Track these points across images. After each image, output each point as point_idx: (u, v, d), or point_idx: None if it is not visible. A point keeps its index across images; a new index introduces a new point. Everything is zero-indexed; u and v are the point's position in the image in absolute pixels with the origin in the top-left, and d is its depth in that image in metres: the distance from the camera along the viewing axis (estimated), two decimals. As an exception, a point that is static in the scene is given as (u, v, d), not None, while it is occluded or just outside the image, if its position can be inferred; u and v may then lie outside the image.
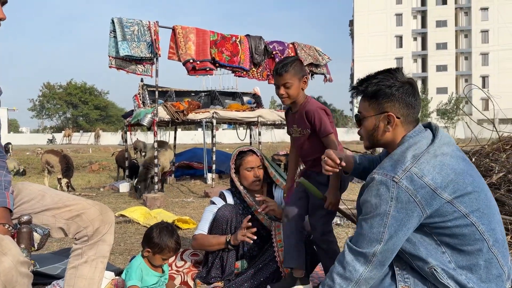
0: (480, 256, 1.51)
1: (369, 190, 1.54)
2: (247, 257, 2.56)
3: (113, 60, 6.27)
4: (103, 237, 1.63)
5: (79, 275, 1.60)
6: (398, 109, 1.60)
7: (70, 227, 1.60)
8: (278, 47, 7.81)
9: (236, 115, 7.87)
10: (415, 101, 1.62)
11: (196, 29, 6.80)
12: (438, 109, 44.55)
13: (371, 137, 1.68)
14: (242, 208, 2.60)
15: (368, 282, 1.54)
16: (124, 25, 6.21)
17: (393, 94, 1.59)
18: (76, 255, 1.63)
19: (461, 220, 1.49)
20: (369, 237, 1.51)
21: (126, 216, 4.66)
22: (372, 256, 1.51)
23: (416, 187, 1.47)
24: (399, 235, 1.50)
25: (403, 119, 1.61)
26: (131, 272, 2.18)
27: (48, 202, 1.64)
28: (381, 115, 1.62)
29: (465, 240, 1.51)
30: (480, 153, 3.76)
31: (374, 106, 1.63)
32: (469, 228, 1.50)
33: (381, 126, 1.63)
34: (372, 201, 1.52)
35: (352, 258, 1.54)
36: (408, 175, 1.48)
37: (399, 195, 1.47)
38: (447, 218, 1.50)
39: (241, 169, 2.57)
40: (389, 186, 1.48)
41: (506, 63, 52.75)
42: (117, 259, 3.29)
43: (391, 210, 1.48)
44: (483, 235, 1.51)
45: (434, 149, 1.53)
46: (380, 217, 1.49)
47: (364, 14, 57.64)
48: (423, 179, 1.47)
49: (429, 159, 1.51)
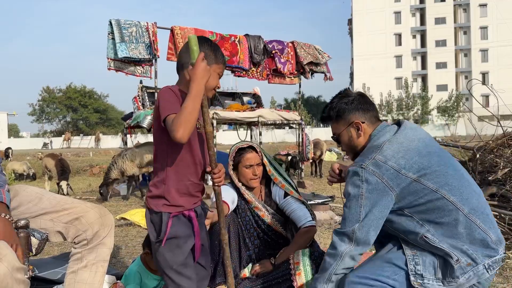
0: (459, 225, 1.70)
1: (347, 183, 1.82)
2: (252, 259, 2.50)
3: (111, 62, 6.24)
4: (103, 240, 1.58)
5: (79, 279, 1.55)
6: (360, 116, 1.93)
7: (69, 231, 1.55)
8: (278, 46, 7.77)
9: (236, 116, 7.82)
10: (369, 106, 1.96)
11: (194, 29, 6.77)
12: (438, 107, 44.50)
13: (352, 147, 1.98)
14: (243, 203, 2.54)
15: (354, 259, 1.77)
16: (122, 26, 6.18)
17: (350, 107, 1.94)
18: (75, 259, 1.57)
19: (431, 195, 1.70)
20: (349, 218, 1.76)
21: (127, 219, 4.62)
22: (352, 233, 1.74)
23: (382, 170, 1.72)
24: (374, 213, 1.73)
25: (367, 123, 1.93)
26: (129, 277, 2.14)
27: (46, 204, 1.60)
28: (350, 126, 1.94)
29: (441, 212, 1.71)
30: (484, 148, 3.71)
31: (342, 123, 1.96)
32: (441, 201, 1.70)
33: (353, 134, 1.95)
34: (348, 189, 1.79)
35: (337, 238, 1.79)
36: (373, 161, 1.75)
37: (367, 178, 1.73)
38: (419, 195, 1.72)
39: (239, 166, 2.51)
40: (359, 172, 1.76)
41: (506, 59, 52.65)
42: (118, 262, 3.24)
43: (364, 192, 1.74)
44: (456, 205, 1.70)
45: (396, 138, 1.81)
46: (356, 199, 1.75)
47: (362, 13, 57.60)
48: (387, 163, 1.73)
49: (391, 146, 1.78)
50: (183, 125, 1.51)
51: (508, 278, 2.53)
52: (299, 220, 2.46)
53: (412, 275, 1.71)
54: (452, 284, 1.69)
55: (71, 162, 12.98)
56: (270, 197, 2.61)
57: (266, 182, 2.64)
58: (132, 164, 6.76)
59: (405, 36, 57.25)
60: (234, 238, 2.43)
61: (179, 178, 1.71)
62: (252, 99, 9.65)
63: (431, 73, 56.45)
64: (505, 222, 3.18)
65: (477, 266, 1.66)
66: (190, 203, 1.76)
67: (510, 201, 3.35)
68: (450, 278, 1.69)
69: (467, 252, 1.67)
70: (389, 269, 1.75)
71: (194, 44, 1.60)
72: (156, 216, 1.69)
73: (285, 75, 7.96)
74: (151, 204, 1.70)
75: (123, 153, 6.91)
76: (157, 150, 1.73)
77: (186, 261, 1.72)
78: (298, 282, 2.24)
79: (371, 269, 1.77)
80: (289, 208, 2.51)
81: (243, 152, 2.51)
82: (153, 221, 1.70)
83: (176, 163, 1.70)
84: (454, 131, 39.42)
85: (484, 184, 3.57)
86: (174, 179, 1.70)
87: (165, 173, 1.69)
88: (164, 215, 1.68)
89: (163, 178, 1.69)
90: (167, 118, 1.58)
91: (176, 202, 1.70)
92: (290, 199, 2.52)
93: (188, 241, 1.72)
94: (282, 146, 19.22)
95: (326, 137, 22.13)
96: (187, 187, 1.73)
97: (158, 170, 1.72)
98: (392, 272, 1.74)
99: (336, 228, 1.84)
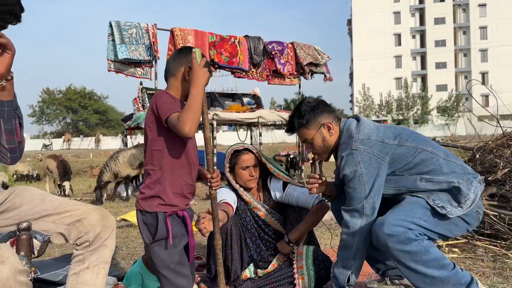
0: (443, 167, 1.98)
1: (342, 166, 2.00)
2: (253, 259, 2.51)
3: (111, 63, 6.25)
4: (105, 242, 1.59)
5: (80, 281, 1.56)
6: (328, 118, 2.14)
7: (71, 233, 1.56)
8: (277, 47, 7.78)
9: (236, 117, 7.83)
10: (331, 108, 2.19)
11: (194, 30, 6.78)
12: (438, 107, 44.50)
13: (325, 148, 2.16)
14: (242, 204, 2.55)
15: (368, 231, 1.94)
16: (122, 28, 6.19)
17: (317, 112, 2.13)
18: (77, 261, 1.59)
19: (414, 151, 1.99)
20: (355, 196, 1.97)
21: (128, 220, 4.62)
22: (362, 208, 1.96)
23: (369, 145, 1.97)
24: (376, 184, 1.96)
25: (335, 122, 2.15)
26: (131, 278, 2.15)
27: (48, 206, 1.61)
28: (321, 128, 2.13)
29: (426, 162, 1.98)
30: (484, 149, 3.72)
31: (313, 127, 2.13)
32: (423, 154, 1.99)
33: (326, 135, 2.13)
34: (347, 171, 1.98)
35: (349, 216, 1.99)
36: (360, 141, 1.99)
37: (362, 157, 1.96)
38: (406, 156, 1.98)
39: (236, 168, 2.52)
40: (352, 154, 1.97)
41: (505, 59, 52.65)
42: (120, 264, 3.25)
43: (363, 170, 1.95)
44: (434, 153, 2.00)
45: (363, 121, 2.10)
46: (357, 179, 1.96)
47: (362, 13, 57.62)
48: (370, 138, 2.00)
49: (365, 126, 2.05)
50: (190, 121, 1.59)
51: (508, 278, 2.54)
52: (307, 202, 2.49)
53: (438, 208, 1.90)
54: (467, 203, 1.92)
55: (71, 163, 12.98)
56: (268, 196, 2.63)
57: (263, 182, 2.66)
58: (125, 166, 6.83)
59: (405, 36, 57.27)
60: (236, 241, 2.43)
61: (174, 178, 1.76)
62: (252, 100, 9.65)
63: (430, 73, 56.45)
64: (505, 222, 3.19)
65: (473, 182, 1.95)
66: (183, 203, 1.81)
67: (510, 201, 3.35)
68: (463, 198, 1.92)
69: (460, 177, 1.96)
70: (418, 211, 1.90)
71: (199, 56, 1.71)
72: (150, 217, 1.73)
73: (285, 76, 7.96)
74: (143, 205, 1.75)
75: (115, 155, 6.95)
76: (151, 152, 1.76)
77: (182, 259, 1.76)
78: (301, 286, 2.25)
79: (404, 212, 1.89)
80: (293, 197, 2.53)
81: (239, 153, 2.52)
82: (146, 222, 1.74)
83: (172, 164, 1.75)
84: (454, 131, 39.40)
85: (484, 184, 3.58)
86: (170, 179, 1.75)
87: (161, 173, 1.74)
88: (160, 214, 1.72)
89: (158, 178, 1.74)
90: (171, 117, 1.65)
91: (171, 202, 1.75)
92: (291, 188, 2.54)
93: (182, 240, 1.77)
94: (282, 147, 19.24)
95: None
96: (181, 187, 1.78)
97: (151, 172, 1.76)
98: (422, 213, 1.90)
99: (344, 207, 2.02)
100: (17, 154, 1.62)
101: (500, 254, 2.98)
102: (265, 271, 2.45)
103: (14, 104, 1.58)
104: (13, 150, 1.59)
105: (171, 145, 1.73)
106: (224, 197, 2.44)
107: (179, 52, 1.86)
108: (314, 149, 2.19)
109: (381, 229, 1.84)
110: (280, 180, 2.60)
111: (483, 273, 2.63)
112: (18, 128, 1.60)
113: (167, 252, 1.71)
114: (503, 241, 3.15)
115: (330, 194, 2.36)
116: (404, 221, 1.83)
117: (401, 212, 1.89)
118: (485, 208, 3.25)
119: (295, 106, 2.24)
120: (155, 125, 1.74)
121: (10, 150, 1.58)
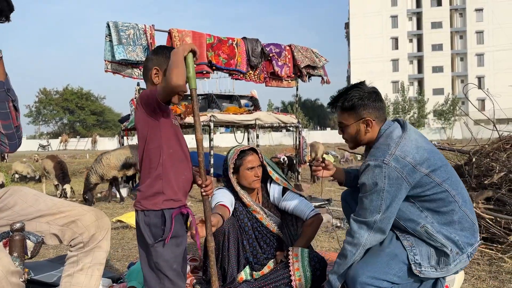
0: (454, 214, 1.91)
1: (365, 174, 1.90)
2: (249, 262, 2.50)
3: (109, 64, 6.22)
4: (99, 243, 1.56)
5: (74, 283, 1.53)
6: (372, 114, 2.01)
7: (65, 234, 1.54)
8: (275, 49, 7.78)
9: (233, 118, 7.82)
10: (382, 104, 2.05)
11: (192, 32, 6.77)
12: (434, 111, 44.65)
13: (355, 140, 2.08)
14: (241, 206, 2.54)
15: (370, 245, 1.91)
16: (120, 29, 6.17)
17: (365, 103, 2.00)
18: (71, 262, 1.56)
19: (437, 188, 1.89)
20: (370, 209, 1.88)
21: (123, 221, 4.60)
22: (373, 223, 1.87)
23: (401, 165, 1.86)
24: (393, 205, 1.87)
25: (377, 120, 2.02)
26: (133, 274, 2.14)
27: (42, 206, 1.58)
28: (360, 121, 2.02)
29: (442, 203, 1.91)
30: (480, 152, 3.73)
31: (353, 116, 2.03)
32: (444, 194, 1.90)
33: (362, 129, 2.03)
34: (369, 182, 1.87)
35: (357, 226, 1.91)
36: (394, 157, 1.86)
37: (390, 174, 1.85)
38: (426, 188, 1.89)
39: (241, 169, 2.51)
40: (382, 167, 1.85)
41: (502, 64, 52.93)
42: (115, 265, 3.23)
43: (385, 186, 1.85)
44: (454, 197, 1.92)
45: (408, 135, 1.95)
46: (377, 193, 1.86)
47: (359, 17, 57.79)
48: (405, 159, 1.87)
49: (407, 143, 1.92)
50: (174, 71, 1.57)
51: (504, 282, 2.54)
52: (303, 212, 2.51)
53: (413, 265, 1.88)
54: (443, 270, 1.91)
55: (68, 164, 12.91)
56: (267, 198, 2.62)
57: (262, 184, 2.65)
58: (109, 167, 6.82)
59: (402, 40, 57.47)
60: (233, 243, 2.42)
61: (177, 172, 1.72)
62: (249, 102, 9.66)
63: (427, 77, 56.65)
64: (501, 226, 3.19)
65: (463, 254, 1.91)
66: (185, 200, 1.78)
67: (506, 205, 3.36)
68: (444, 265, 1.90)
69: (457, 242, 1.89)
70: (395, 266, 1.88)
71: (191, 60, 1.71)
72: (154, 216, 1.66)
73: (283, 78, 7.96)
74: (146, 204, 1.68)
75: (99, 158, 6.95)
76: (148, 151, 1.71)
77: (183, 260, 1.73)
78: (298, 287, 2.25)
79: (379, 268, 1.87)
80: (290, 205, 2.55)
81: (244, 154, 2.52)
82: (149, 223, 1.67)
83: (172, 158, 1.72)
84: (450, 135, 39.55)
85: (480, 187, 3.58)
86: (172, 173, 1.71)
87: (162, 169, 1.70)
88: (166, 212, 1.66)
89: (159, 174, 1.69)
90: (157, 88, 1.66)
91: (176, 196, 1.71)
92: (289, 195, 2.55)
93: (184, 240, 1.74)
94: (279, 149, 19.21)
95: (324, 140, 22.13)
96: (183, 182, 1.75)
97: (151, 170, 1.71)
98: (398, 269, 1.88)
99: (355, 216, 1.95)
100: (15, 141, 1.56)
101: (496, 258, 2.98)
102: (260, 273, 2.44)
103: (6, 85, 1.52)
104: (11, 136, 1.53)
105: (167, 140, 1.71)
106: (221, 198, 2.42)
107: (146, 58, 1.85)
108: (344, 134, 2.10)
109: (354, 285, 1.87)
110: (280, 185, 2.60)
111: (479, 277, 2.63)
112: (13, 112, 1.54)
113: (172, 252, 1.66)
114: (499, 245, 3.15)
115: (339, 179, 2.33)
116: (377, 280, 1.85)
117: (376, 267, 1.87)
118: (481, 211, 3.26)
119: (351, 85, 2.09)
120: (148, 123, 1.70)
121: (7, 136, 1.52)
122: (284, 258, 2.40)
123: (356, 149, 2.21)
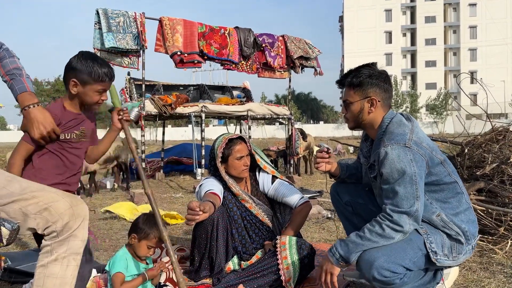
0: (460, 205, 1.93)
1: (388, 161, 1.81)
2: (238, 251, 2.46)
3: (98, 52, 6.10)
4: (74, 232, 1.46)
5: (48, 274, 1.45)
6: (378, 94, 1.98)
7: (38, 222, 1.45)
8: (268, 39, 7.70)
9: (225, 109, 7.74)
10: (389, 87, 2.02)
11: (183, 20, 6.66)
12: (427, 105, 44.90)
13: (357, 119, 2.03)
14: (230, 196, 2.49)
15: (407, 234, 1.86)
16: (109, 16, 6.04)
17: (373, 82, 1.97)
18: (45, 252, 1.47)
19: (448, 178, 1.91)
20: (407, 196, 1.79)
21: (112, 211, 4.53)
22: (415, 212, 1.80)
23: (422, 149, 1.84)
24: (423, 188, 1.82)
25: (382, 102, 1.99)
26: (115, 261, 2.07)
27: (16, 188, 1.48)
28: (366, 99, 1.98)
29: (450, 193, 1.92)
30: (472, 143, 3.70)
31: (359, 93, 1.99)
32: (453, 184, 1.92)
33: (366, 108, 1.99)
34: (396, 167, 1.79)
35: (398, 217, 1.80)
36: (413, 141, 1.83)
37: (414, 156, 1.80)
38: (439, 177, 1.89)
39: (230, 158, 2.46)
40: (406, 151, 1.80)
41: (494, 59, 53.31)
42: (102, 255, 3.17)
43: (415, 169, 1.79)
44: (461, 189, 1.95)
45: (416, 125, 1.94)
46: (410, 178, 1.78)
47: (353, 10, 57.72)
48: (422, 144, 1.86)
49: (420, 131, 1.92)
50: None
51: (494, 273, 2.52)
52: (292, 200, 2.48)
53: (431, 253, 1.87)
54: (455, 259, 1.91)
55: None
56: (256, 187, 2.58)
57: (251, 172, 2.61)
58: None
59: (395, 34, 57.58)
60: (222, 233, 2.37)
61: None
62: (241, 93, 9.57)
63: (420, 71, 56.92)
64: (492, 217, 3.17)
65: (469, 245, 1.93)
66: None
67: (498, 196, 3.34)
68: (456, 253, 1.90)
69: (466, 233, 1.91)
70: (411, 252, 1.86)
71: (114, 93, 1.88)
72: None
73: (275, 69, 7.89)
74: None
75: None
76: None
77: None
78: (286, 275, 2.21)
79: (396, 252, 1.84)
80: (280, 193, 2.52)
81: (232, 144, 2.47)
82: None
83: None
84: (442, 129, 39.82)
85: (472, 178, 3.56)
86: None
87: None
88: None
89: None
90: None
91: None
92: (278, 183, 2.53)
93: None
94: (272, 142, 19.19)
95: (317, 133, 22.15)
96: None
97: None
98: (414, 254, 1.86)
99: (392, 207, 1.81)
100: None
101: (487, 249, 2.97)
102: (248, 263, 2.39)
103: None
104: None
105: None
106: (210, 187, 2.38)
107: (69, 62, 1.90)
108: (347, 113, 2.05)
109: (369, 271, 1.82)
110: (269, 173, 2.56)
111: (469, 268, 2.61)
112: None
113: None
114: (490, 236, 3.13)
115: (335, 173, 2.28)
116: (393, 264, 1.81)
117: (393, 251, 1.84)
118: (473, 202, 3.24)
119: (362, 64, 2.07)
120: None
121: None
122: (272, 247, 2.36)
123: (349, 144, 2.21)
